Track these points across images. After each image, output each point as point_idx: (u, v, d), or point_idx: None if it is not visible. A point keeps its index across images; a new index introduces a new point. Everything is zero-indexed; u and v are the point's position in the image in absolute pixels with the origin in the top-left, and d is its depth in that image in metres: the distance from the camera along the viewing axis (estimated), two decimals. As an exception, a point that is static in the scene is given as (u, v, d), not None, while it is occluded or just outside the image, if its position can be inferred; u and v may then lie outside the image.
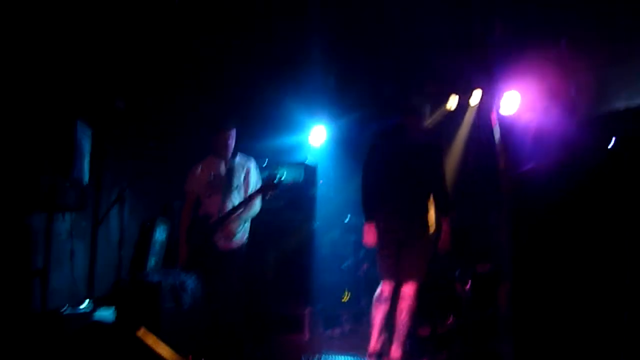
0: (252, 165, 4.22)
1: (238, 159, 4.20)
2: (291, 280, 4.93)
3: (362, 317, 5.12)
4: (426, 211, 3.74)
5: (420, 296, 4.46)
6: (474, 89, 5.33)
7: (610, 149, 3.36)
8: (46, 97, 4.17)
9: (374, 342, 3.74)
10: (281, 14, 4.80)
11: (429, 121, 5.74)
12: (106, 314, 4.12)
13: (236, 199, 4.06)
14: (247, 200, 3.93)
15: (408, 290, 3.66)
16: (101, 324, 3.94)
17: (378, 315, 3.76)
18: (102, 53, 4.58)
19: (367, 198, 3.84)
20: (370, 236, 3.79)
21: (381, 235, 3.79)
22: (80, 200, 4.08)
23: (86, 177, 4.17)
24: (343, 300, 5.67)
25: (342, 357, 4.19)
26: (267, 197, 4.07)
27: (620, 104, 3.26)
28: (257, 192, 3.90)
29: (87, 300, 4.18)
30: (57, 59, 4.28)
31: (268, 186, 3.88)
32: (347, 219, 5.80)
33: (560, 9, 3.95)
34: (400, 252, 3.72)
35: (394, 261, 3.75)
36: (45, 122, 3.92)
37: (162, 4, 4.17)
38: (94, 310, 4.15)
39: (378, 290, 3.81)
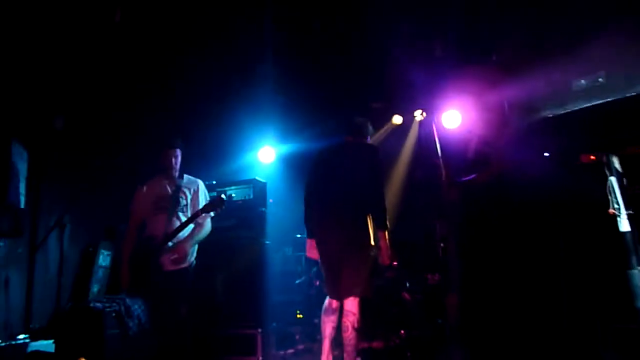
0: (199, 186, 4.16)
1: (185, 180, 4.14)
2: (242, 300, 4.85)
3: (316, 335, 5.09)
4: (365, 226, 3.75)
5: (370, 309, 4.53)
6: (417, 107, 5.55)
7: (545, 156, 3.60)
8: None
9: (325, 355, 3.74)
10: (231, 31, 4.84)
11: (374, 137, 5.95)
12: (45, 344, 3.91)
13: (182, 219, 3.98)
14: (193, 218, 3.85)
15: (350, 306, 3.68)
16: (40, 353, 3.75)
17: (327, 328, 3.78)
18: (40, 70, 4.42)
19: (307, 214, 3.96)
20: (312, 251, 3.91)
21: (320, 250, 3.87)
22: (15, 226, 3.88)
23: (22, 201, 3.98)
24: (298, 317, 5.64)
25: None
26: (214, 214, 4.02)
27: (547, 113, 3.50)
28: (204, 209, 3.84)
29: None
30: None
31: (215, 203, 3.83)
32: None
33: (489, 28, 4.23)
34: (340, 267, 3.75)
35: (334, 275, 3.79)
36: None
37: (104, 20, 4.10)
38: (31, 341, 3.93)
39: (325, 303, 3.83)
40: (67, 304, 4.57)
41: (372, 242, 3.75)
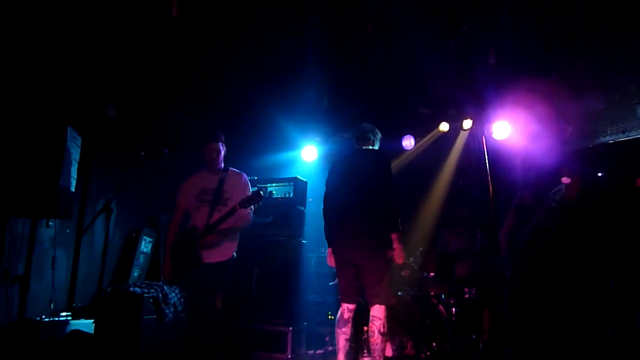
0: (243, 180, 4.22)
1: (229, 173, 4.21)
2: (276, 297, 4.90)
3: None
4: (382, 232, 3.76)
5: (403, 319, 4.49)
6: (465, 116, 5.43)
7: (600, 180, 3.45)
8: (37, 101, 4.17)
9: None
10: (278, 31, 4.88)
11: (420, 143, 5.86)
12: (85, 324, 4.07)
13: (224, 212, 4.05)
14: (232, 211, 3.91)
15: (377, 312, 3.69)
16: (80, 333, 3.91)
17: (341, 340, 3.79)
18: (97, 60, 4.60)
19: (325, 225, 4.03)
20: (330, 260, 3.96)
21: (336, 258, 3.90)
22: (66, 208, 4.05)
23: (73, 185, 4.15)
24: (330, 318, 5.65)
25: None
26: (252, 210, 4.07)
27: (606, 139, 3.36)
28: (242, 203, 3.89)
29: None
30: (50, 63, 4.29)
31: (252, 198, 3.87)
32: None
33: (552, 43, 4.08)
34: (359, 275, 3.76)
35: (348, 284, 3.81)
36: (35, 127, 3.90)
37: (160, 14, 4.21)
38: (72, 320, 4.10)
39: (338, 314, 3.85)
40: (108, 286, 4.74)
41: (388, 247, 3.74)
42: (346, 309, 3.83)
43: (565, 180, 3.55)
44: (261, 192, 3.89)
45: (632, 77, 3.46)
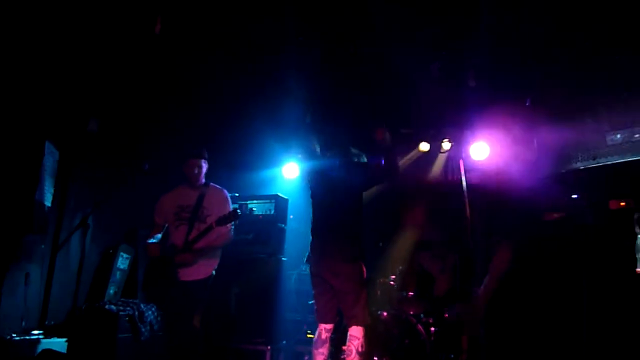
0: (223, 196, 4.21)
1: (209, 189, 4.19)
2: (255, 315, 4.88)
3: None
4: (355, 251, 3.72)
5: (381, 337, 4.50)
6: (445, 136, 5.54)
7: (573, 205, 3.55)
8: (16, 114, 4.12)
9: None
10: (261, 48, 4.92)
11: (401, 162, 5.94)
12: (58, 342, 3.98)
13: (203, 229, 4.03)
14: (207, 230, 3.89)
15: (355, 332, 3.68)
16: (51, 352, 3.82)
17: None
18: (78, 73, 4.57)
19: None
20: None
21: (312, 277, 3.88)
22: (40, 224, 3.99)
23: (49, 200, 4.10)
24: (308, 336, 5.62)
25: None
26: (233, 227, 4.05)
27: (577, 165, 3.47)
28: (218, 221, 3.87)
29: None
30: (31, 76, 4.25)
31: (228, 217, 3.86)
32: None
33: (529, 66, 4.22)
34: (335, 295, 3.73)
35: (324, 303, 3.78)
36: (12, 140, 3.85)
37: (143, 30, 4.23)
38: (45, 338, 4.01)
39: (315, 334, 3.84)
40: (83, 303, 4.65)
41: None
42: (323, 329, 3.82)
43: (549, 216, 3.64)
44: (238, 210, 3.88)
45: (602, 99, 3.57)
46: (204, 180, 4.20)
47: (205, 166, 4.17)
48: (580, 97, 3.57)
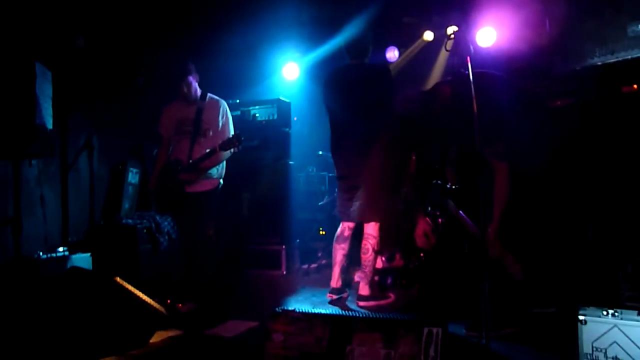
0: (222, 108, 4.15)
1: (207, 101, 4.12)
2: (267, 218, 5.03)
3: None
4: (380, 148, 3.70)
5: (391, 230, 4.66)
6: (451, 22, 5.24)
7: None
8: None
9: (335, 280, 3.97)
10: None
11: (403, 54, 5.72)
12: (82, 258, 4.20)
13: (206, 143, 4.03)
14: (211, 153, 3.90)
15: (370, 230, 3.81)
16: (79, 270, 4.04)
17: (338, 255, 3.96)
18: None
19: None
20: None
21: (337, 178, 3.96)
22: (45, 147, 4.00)
23: (50, 122, 4.06)
24: (321, 233, 5.86)
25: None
26: (233, 152, 4.05)
27: (594, 60, 3.25)
28: (222, 146, 3.85)
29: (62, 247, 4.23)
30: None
31: (232, 141, 3.84)
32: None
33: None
34: (357, 193, 3.81)
35: (349, 204, 3.88)
36: (1, 67, 3.73)
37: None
38: (70, 254, 4.21)
39: (338, 230, 3.97)
40: (100, 220, 4.83)
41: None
42: (347, 227, 3.95)
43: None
44: (242, 136, 3.85)
45: None
46: (199, 92, 4.12)
47: (193, 81, 4.05)
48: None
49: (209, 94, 4.16)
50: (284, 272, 4.81)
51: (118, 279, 3.07)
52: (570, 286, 3.19)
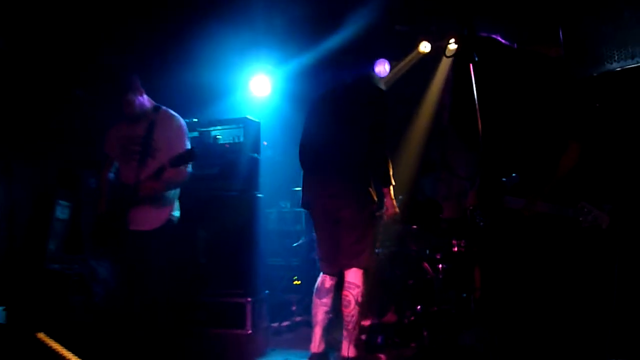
0: (175, 125, 4.15)
1: (160, 115, 4.13)
2: (229, 263, 4.96)
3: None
4: (364, 181, 3.86)
5: (382, 280, 4.66)
6: (450, 31, 5.42)
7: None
8: None
9: (316, 344, 3.91)
10: None
11: (396, 68, 5.86)
12: (-5, 311, 4.06)
13: (155, 165, 4.00)
14: (159, 172, 3.87)
15: (352, 277, 3.78)
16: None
17: (319, 312, 3.90)
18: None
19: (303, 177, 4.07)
20: None
21: (315, 216, 3.98)
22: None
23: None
24: (295, 283, 5.82)
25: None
26: (189, 173, 4.04)
27: (613, 66, 3.41)
28: (171, 162, 3.84)
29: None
30: None
31: (183, 156, 3.83)
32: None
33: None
34: (338, 233, 3.85)
35: (331, 244, 3.90)
36: None
37: None
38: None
39: (318, 282, 3.94)
40: (20, 264, 4.69)
41: (375, 199, 3.84)
42: (328, 277, 3.93)
43: None
44: (195, 149, 3.85)
45: None
46: (148, 105, 4.13)
47: (135, 97, 4.05)
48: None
49: (162, 107, 4.17)
50: (250, 331, 4.70)
51: (42, 335, 2.97)
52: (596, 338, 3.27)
